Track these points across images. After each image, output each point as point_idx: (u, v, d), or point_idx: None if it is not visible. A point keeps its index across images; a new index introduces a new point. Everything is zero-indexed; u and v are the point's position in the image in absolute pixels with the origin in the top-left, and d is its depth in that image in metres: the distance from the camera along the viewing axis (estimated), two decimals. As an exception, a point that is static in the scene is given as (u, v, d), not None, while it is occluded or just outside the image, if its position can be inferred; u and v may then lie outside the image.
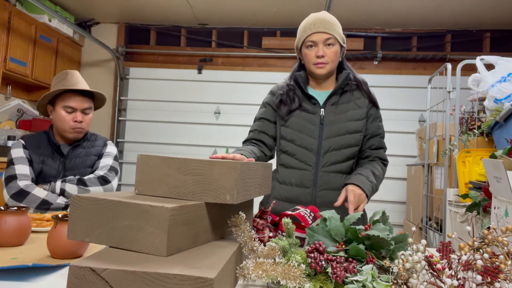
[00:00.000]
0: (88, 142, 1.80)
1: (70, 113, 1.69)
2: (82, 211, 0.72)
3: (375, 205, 3.40)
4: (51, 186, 1.63)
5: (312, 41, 1.44)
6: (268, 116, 1.54)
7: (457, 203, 2.13)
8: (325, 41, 1.43)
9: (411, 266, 0.72)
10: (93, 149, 1.78)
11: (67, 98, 1.68)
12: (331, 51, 1.43)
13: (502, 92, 2.12)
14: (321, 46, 1.43)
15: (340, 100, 1.48)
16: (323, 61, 1.43)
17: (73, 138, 1.73)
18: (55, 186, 1.62)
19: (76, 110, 1.69)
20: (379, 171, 1.48)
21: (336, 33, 1.44)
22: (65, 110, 1.68)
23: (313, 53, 1.44)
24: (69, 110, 1.69)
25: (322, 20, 1.45)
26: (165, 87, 4.45)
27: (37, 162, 1.68)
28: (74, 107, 1.69)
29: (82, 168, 1.73)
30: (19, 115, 3.73)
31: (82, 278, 0.61)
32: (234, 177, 0.76)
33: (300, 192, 1.45)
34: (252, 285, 0.81)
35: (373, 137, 1.50)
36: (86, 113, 1.73)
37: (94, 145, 1.80)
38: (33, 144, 1.71)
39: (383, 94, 3.88)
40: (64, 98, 1.69)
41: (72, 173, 1.70)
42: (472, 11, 3.70)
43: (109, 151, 1.82)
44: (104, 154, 1.80)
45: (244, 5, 3.85)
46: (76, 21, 4.37)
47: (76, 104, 1.69)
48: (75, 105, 1.69)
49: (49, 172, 1.68)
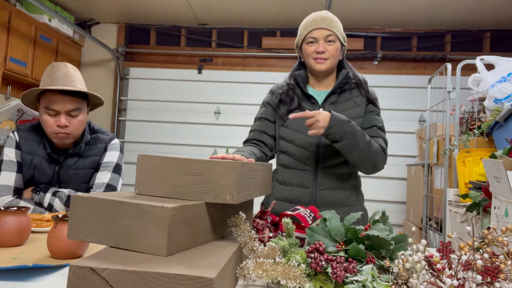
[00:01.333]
0: (87, 147, 1.57)
1: (53, 116, 1.45)
2: (82, 211, 0.72)
3: (375, 205, 3.40)
4: (39, 196, 1.46)
5: (312, 37, 1.44)
6: (268, 116, 1.54)
7: (457, 203, 2.13)
8: (326, 37, 1.42)
9: (411, 266, 0.72)
10: (90, 160, 1.56)
11: (48, 99, 1.43)
12: (331, 47, 1.43)
13: (502, 92, 2.13)
14: (322, 42, 1.43)
15: (339, 99, 1.48)
16: (323, 56, 1.43)
17: (59, 143, 1.51)
18: (43, 198, 1.45)
19: (59, 112, 1.44)
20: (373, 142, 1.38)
21: (337, 31, 1.44)
22: (47, 113, 1.45)
23: (313, 48, 1.44)
24: (52, 113, 1.44)
25: (323, 17, 1.45)
26: (165, 87, 4.45)
27: (28, 167, 1.51)
28: (56, 109, 1.43)
29: (76, 183, 1.54)
30: (19, 115, 3.73)
31: (82, 278, 0.61)
32: (234, 177, 0.76)
33: (300, 192, 1.45)
34: (252, 285, 0.81)
35: (369, 127, 1.46)
36: (72, 116, 1.47)
37: (92, 153, 1.58)
38: (27, 142, 1.53)
39: (383, 94, 3.87)
40: (45, 98, 1.44)
41: (65, 186, 1.53)
42: (472, 11, 3.70)
43: (108, 161, 1.57)
44: (101, 165, 1.56)
45: (244, 5, 3.84)
46: (76, 21, 4.37)
47: (58, 106, 1.43)
48: (57, 107, 1.43)
49: (41, 178, 1.52)
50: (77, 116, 1.49)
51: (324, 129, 1.29)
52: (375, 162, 1.41)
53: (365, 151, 1.35)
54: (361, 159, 1.38)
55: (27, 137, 1.54)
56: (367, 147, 1.35)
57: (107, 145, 1.61)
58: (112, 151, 1.61)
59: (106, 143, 1.61)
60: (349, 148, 1.34)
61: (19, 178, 1.51)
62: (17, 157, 1.52)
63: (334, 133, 1.30)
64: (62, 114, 1.45)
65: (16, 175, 1.50)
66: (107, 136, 1.63)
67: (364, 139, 1.35)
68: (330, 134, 1.31)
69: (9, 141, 1.53)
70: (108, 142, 1.61)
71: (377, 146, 1.40)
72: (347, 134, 1.31)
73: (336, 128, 1.29)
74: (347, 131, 1.30)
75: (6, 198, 1.46)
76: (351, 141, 1.32)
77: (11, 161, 1.51)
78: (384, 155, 1.44)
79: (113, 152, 1.61)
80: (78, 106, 1.48)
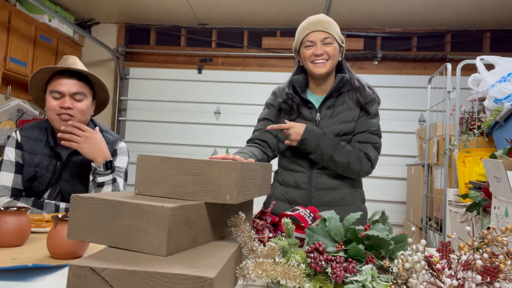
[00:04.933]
0: None
1: (58, 98, 1.46)
2: (82, 211, 0.72)
3: (375, 205, 3.40)
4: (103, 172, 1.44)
5: (310, 40, 1.43)
6: (271, 117, 1.56)
7: (457, 203, 2.13)
8: (323, 39, 1.42)
9: (411, 266, 0.72)
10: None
11: (54, 82, 1.46)
12: (330, 48, 1.43)
13: (502, 92, 2.13)
14: (319, 44, 1.43)
15: (335, 103, 1.49)
16: (322, 58, 1.43)
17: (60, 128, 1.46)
18: (106, 175, 1.45)
19: (64, 95, 1.45)
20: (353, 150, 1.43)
21: (334, 32, 1.44)
22: (52, 96, 1.46)
23: (311, 51, 1.43)
24: (57, 96, 1.45)
25: (319, 20, 1.45)
26: (165, 87, 4.45)
27: (29, 165, 1.50)
28: (61, 91, 1.45)
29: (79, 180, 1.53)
30: (19, 115, 3.73)
31: (82, 277, 0.61)
32: (234, 177, 0.76)
33: (296, 193, 1.47)
34: (252, 285, 0.81)
35: (361, 132, 1.47)
36: (77, 99, 1.48)
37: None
38: (29, 141, 1.52)
39: (383, 94, 3.83)
40: (51, 83, 1.47)
41: (68, 183, 1.52)
42: (472, 11, 3.70)
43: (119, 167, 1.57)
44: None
45: (244, 5, 3.84)
46: (76, 21, 4.37)
47: (63, 88, 1.45)
48: (62, 89, 1.45)
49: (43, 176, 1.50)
50: (81, 101, 1.49)
51: (297, 141, 1.41)
52: (356, 170, 1.44)
53: (340, 163, 1.41)
54: (338, 169, 1.44)
55: (30, 135, 1.54)
56: (342, 158, 1.41)
57: (115, 147, 1.61)
58: (122, 156, 1.62)
59: (111, 144, 1.60)
60: (322, 159, 1.42)
61: (17, 178, 1.50)
62: (17, 157, 1.51)
63: (307, 145, 1.40)
64: (66, 96, 1.46)
65: (14, 176, 1.50)
66: (113, 137, 1.63)
67: (339, 150, 1.40)
68: (304, 145, 1.41)
69: (11, 141, 1.53)
70: (114, 144, 1.61)
71: (358, 156, 1.43)
72: (320, 148, 1.39)
73: (309, 140, 1.39)
74: (319, 144, 1.39)
75: (4, 199, 1.46)
76: (323, 153, 1.40)
77: (10, 161, 1.51)
78: (369, 162, 1.46)
79: (123, 157, 1.62)
80: (83, 91, 1.49)
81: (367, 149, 1.45)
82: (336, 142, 1.41)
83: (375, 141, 1.47)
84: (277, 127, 1.42)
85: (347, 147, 1.42)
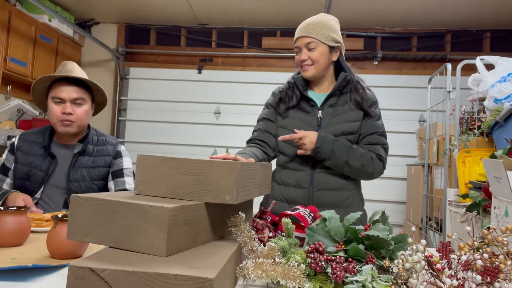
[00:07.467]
0: (96, 147, 1.67)
1: (59, 104, 1.57)
2: (82, 211, 0.72)
3: (375, 205, 3.40)
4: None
5: (297, 46, 1.49)
6: (271, 117, 1.57)
7: (457, 203, 2.13)
8: (307, 45, 1.46)
9: (411, 266, 0.72)
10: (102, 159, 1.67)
11: (55, 89, 1.57)
12: (313, 53, 1.45)
13: (502, 92, 2.12)
14: (304, 50, 1.47)
15: (338, 102, 1.49)
16: (306, 63, 1.47)
17: (63, 132, 1.60)
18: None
19: (65, 101, 1.56)
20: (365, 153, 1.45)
21: (320, 35, 1.44)
22: (54, 102, 1.57)
23: (298, 57, 1.49)
24: (58, 101, 1.57)
25: (306, 24, 1.48)
26: (165, 87, 4.45)
27: (23, 165, 1.59)
28: (62, 97, 1.56)
29: (87, 181, 1.62)
30: (19, 115, 3.73)
31: (82, 278, 0.61)
32: (234, 177, 0.76)
33: (297, 193, 1.47)
34: (252, 285, 0.81)
35: (369, 134, 1.49)
36: (77, 104, 1.59)
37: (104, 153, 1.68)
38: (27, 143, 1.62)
39: (383, 94, 3.87)
40: (52, 89, 1.58)
41: (77, 184, 1.60)
42: (472, 11, 3.70)
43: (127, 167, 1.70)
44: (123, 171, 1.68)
45: (244, 5, 3.84)
46: (76, 21, 4.36)
47: (63, 94, 1.56)
48: (63, 95, 1.56)
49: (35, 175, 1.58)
50: (82, 106, 1.61)
51: (311, 150, 1.39)
52: (369, 172, 1.46)
53: (355, 166, 1.42)
54: (352, 173, 1.45)
55: (29, 138, 1.64)
56: (356, 162, 1.42)
57: (118, 149, 1.72)
58: (127, 157, 1.74)
59: (114, 145, 1.73)
60: (337, 165, 1.42)
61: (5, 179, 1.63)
62: (7, 162, 1.63)
63: (321, 153, 1.39)
64: (67, 102, 1.57)
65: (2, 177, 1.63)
66: (114, 140, 1.75)
67: (353, 154, 1.42)
68: (318, 153, 1.40)
69: (9, 144, 1.66)
70: (116, 145, 1.73)
71: (370, 157, 1.45)
72: (334, 154, 1.39)
73: (323, 148, 1.38)
74: (334, 150, 1.39)
75: None
76: (338, 159, 1.40)
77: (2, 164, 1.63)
78: (381, 162, 1.48)
79: (128, 158, 1.74)
80: (82, 96, 1.61)
81: (378, 150, 1.48)
82: (349, 146, 1.42)
83: (384, 142, 1.51)
84: (289, 137, 1.39)
85: (359, 150, 1.44)
